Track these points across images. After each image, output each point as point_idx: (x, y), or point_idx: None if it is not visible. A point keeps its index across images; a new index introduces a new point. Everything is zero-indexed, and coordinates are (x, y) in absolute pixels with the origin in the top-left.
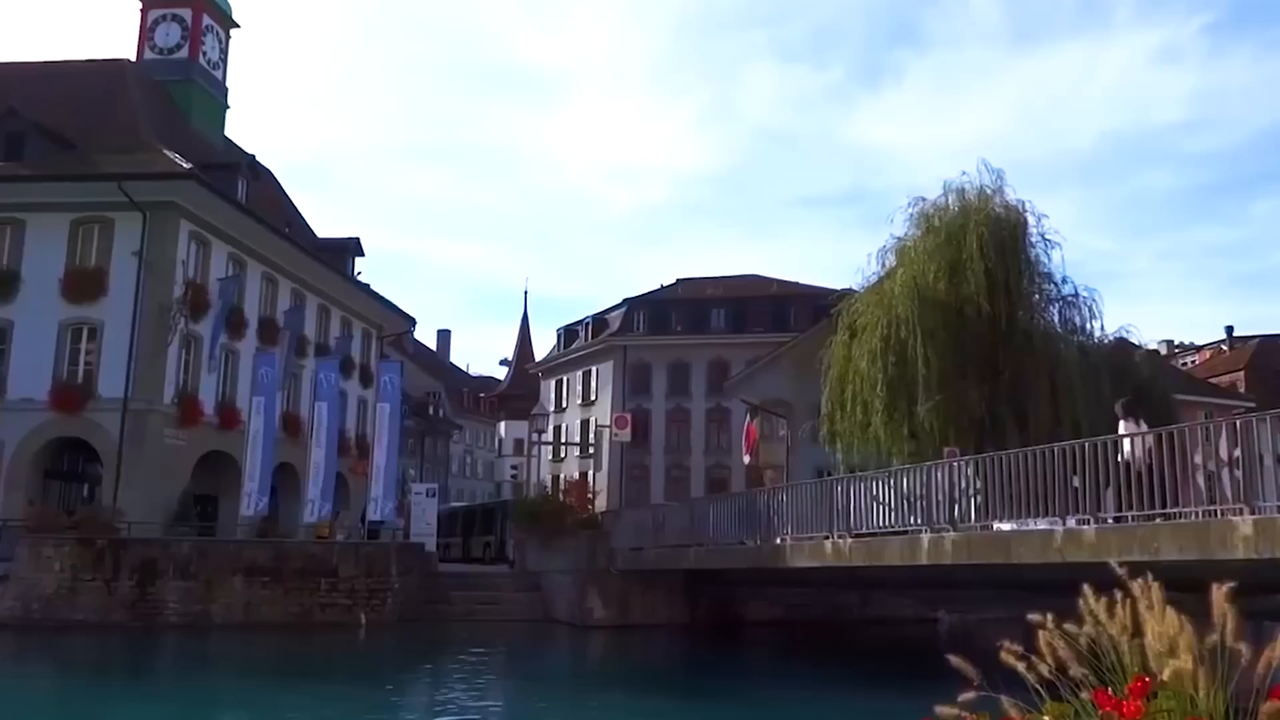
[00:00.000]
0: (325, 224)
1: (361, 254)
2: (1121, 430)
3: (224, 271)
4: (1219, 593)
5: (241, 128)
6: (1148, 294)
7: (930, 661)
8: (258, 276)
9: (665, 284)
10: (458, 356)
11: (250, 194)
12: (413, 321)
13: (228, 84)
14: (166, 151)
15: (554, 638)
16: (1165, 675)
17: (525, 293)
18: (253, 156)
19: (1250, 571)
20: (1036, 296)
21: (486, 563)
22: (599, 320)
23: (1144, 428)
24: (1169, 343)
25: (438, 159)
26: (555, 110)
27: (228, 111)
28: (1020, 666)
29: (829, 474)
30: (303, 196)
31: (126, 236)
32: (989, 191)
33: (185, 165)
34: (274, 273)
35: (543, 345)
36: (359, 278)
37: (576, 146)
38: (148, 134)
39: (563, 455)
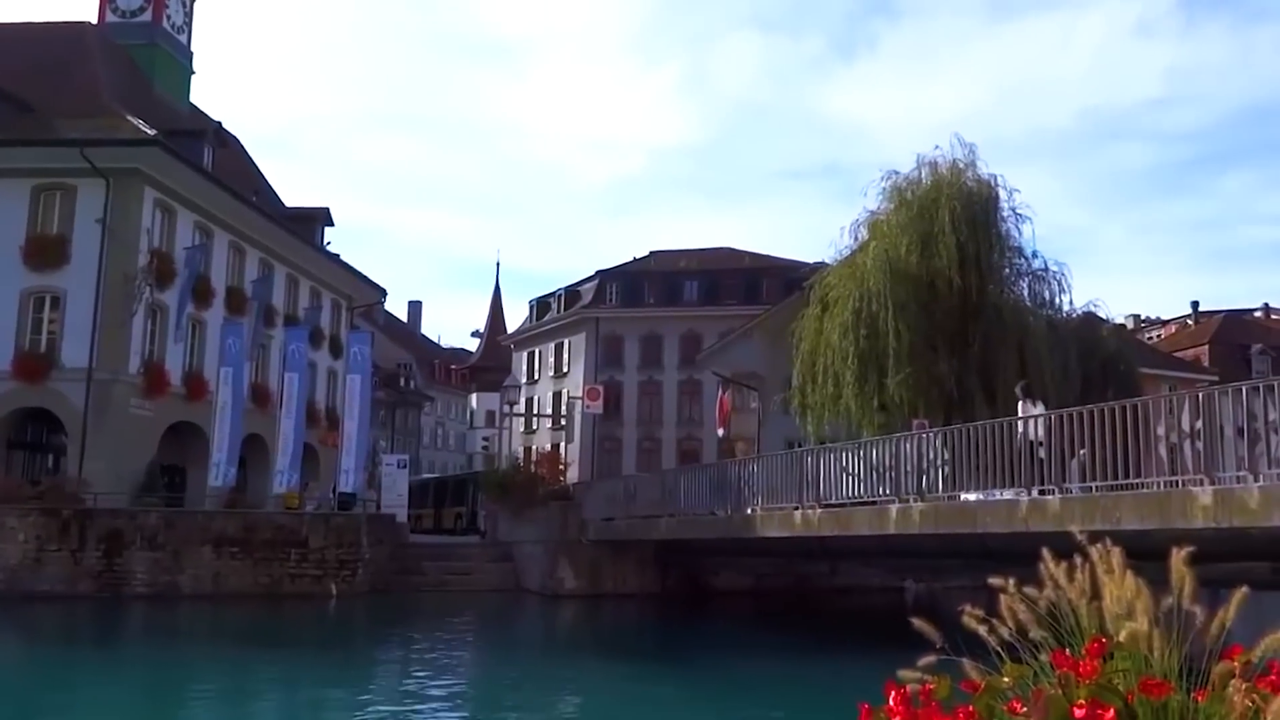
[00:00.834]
0: (294, 194)
1: (331, 224)
2: (1021, 412)
3: (190, 240)
4: (1176, 556)
5: (207, 94)
6: (1116, 269)
7: (896, 629)
8: (225, 245)
9: (638, 256)
10: (429, 328)
11: (216, 161)
12: (383, 292)
13: (192, 49)
14: (130, 117)
15: (525, 607)
16: (1122, 637)
17: (497, 264)
18: (219, 123)
19: (1209, 540)
20: (1007, 270)
21: (458, 534)
22: (571, 292)
23: (1042, 409)
24: (1136, 317)
25: (408, 128)
26: (528, 79)
27: (193, 77)
28: (982, 630)
29: (800, 445)
30: (270, 165)
31: (89, 203)
32: (961, 165)
33: (149, 131)
34: (241, 242)
35: (515, 317)
36: (328, 248)
37: (550, 116)
38: (110, 99)
39: (534, 427)
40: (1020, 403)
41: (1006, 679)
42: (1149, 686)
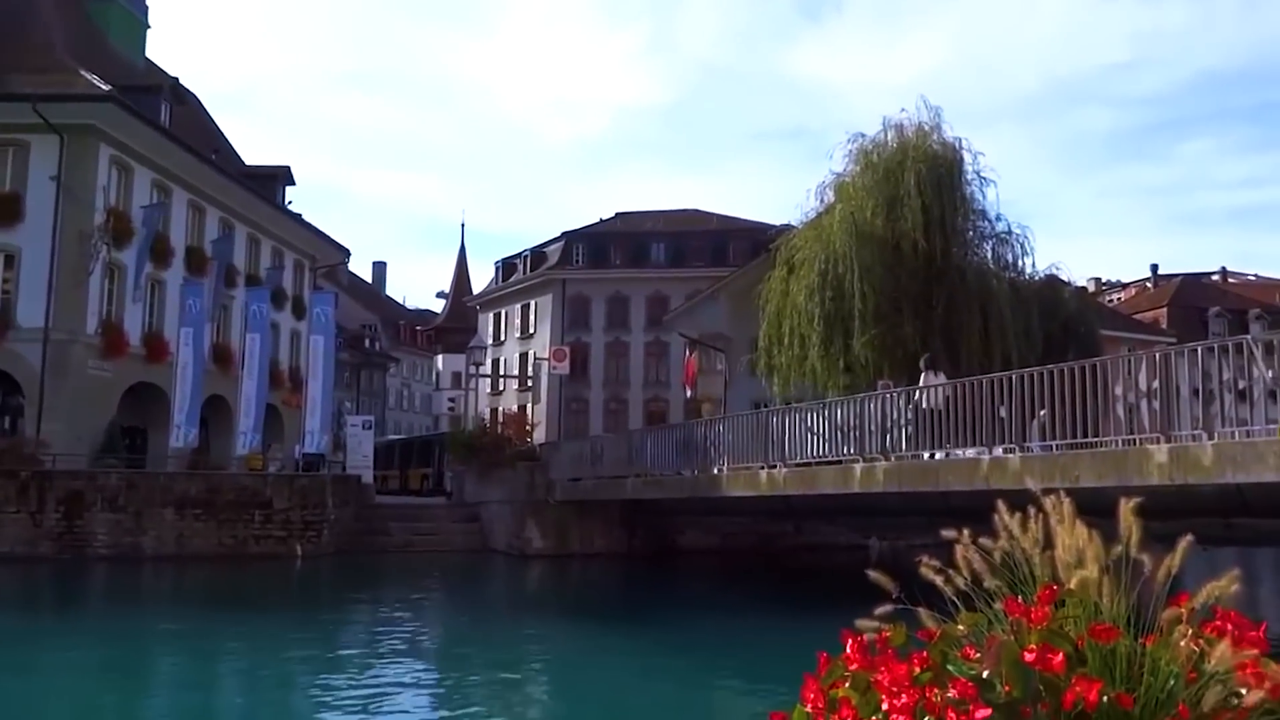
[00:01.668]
0: (254, 153)
1: (292, 183)
2: (923, 382)
3: (148, 198)
4: (1125, 505)
5: (163, 50)
6: (1078, 232)
7: (860, 586)
8: (183, 204)
9: (604, 218)
10: (394, 289)
11: (174, 118)
12: (347, 253)
13: (147, 2)
14: (84, 72)
15: (492, 567)
16: (1073, 584)
17: (462, 225)
18: (175, 79)
19: (1164, 497)
20: (971, 233)
21: (424, 495)
22: (537, 253)
23: (943, 378)
24: (1097, 280)
25: (371, 87)
26: (494, 37)
27: (148, 32)
28: (938, 580)
29: (766, 406)
30: (230, 123)
31: (43, 160)
32: (927, 129)
33: (104, 87)
34: (201, 201)
35: (480, 278)
36: (290, 207)
37: (516, 76)
38: (64, 53)
39: (501, 388)
40: (923, 373)
41: (961, 627)
42: (1098, 632)
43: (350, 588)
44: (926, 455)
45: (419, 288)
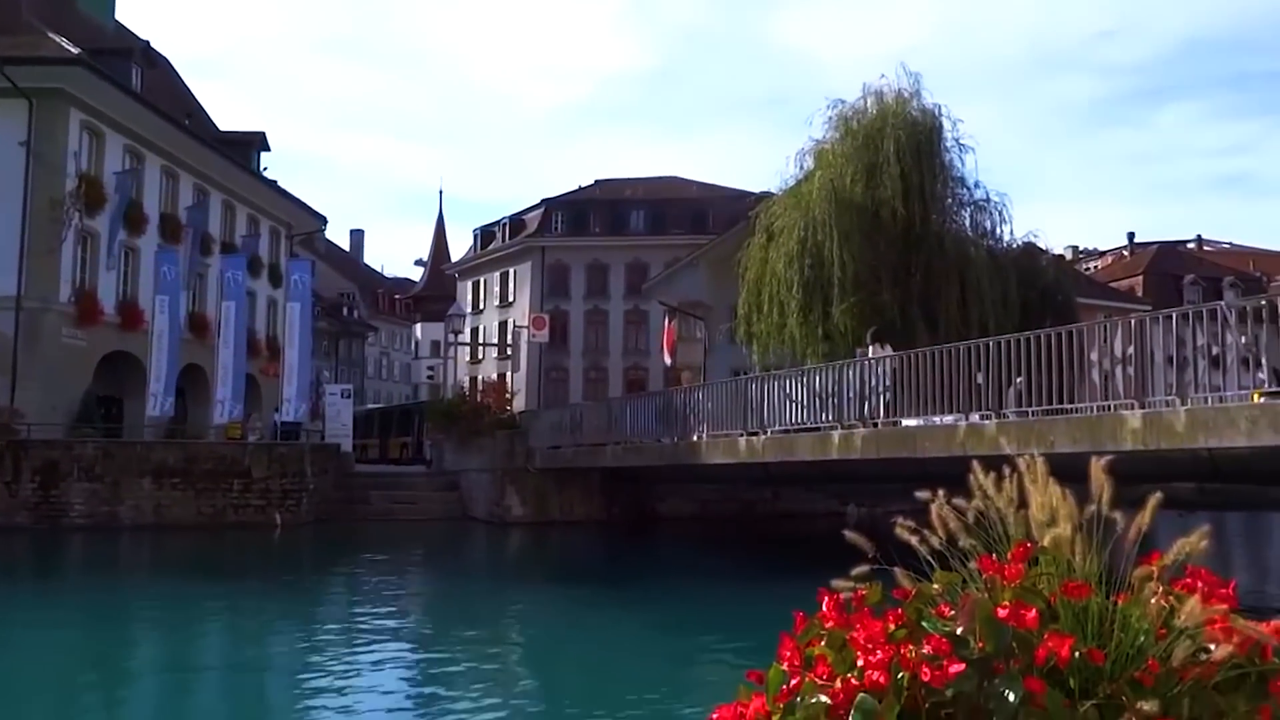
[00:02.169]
0: (228, 119)
1: (267, 148)
2: (870, 355)
3: (120, 164)
4: (1096, 464)
5: (134, 13)
6: (1057, 200)
7: (837, 550)
8: (157, 170)
9: (583, 185)
10: (371, 257)
11: (145, 83)
12: (323, 220)
13: None
14: (52, 35)
15: (472, 535)
16: (1046, 542)
17: (440, 192)
18: (146, 42)
19: (1138, 462)
20: (949, 200)
21: (404, 463)
22: (516, 221)
23: (889, 351)
24: (1074, 248)
25: (347, 52)
26: (472, 1)
27: None
28: (914, 540)
29: (745, 374)
30: (203, 89)
31: (11, 125)
32: (906, 95)
33: (73, 50)
34: (174, 167)
35: (459, 246)
36: (265, 174)
37: (496, 41)
38: (30, 15)
39: (480, 357)
40: (869, 347)
41: (936, 586)
42: (1070, 589)
43: (330, 556)
44: (904, 422)
45: (397, 256)
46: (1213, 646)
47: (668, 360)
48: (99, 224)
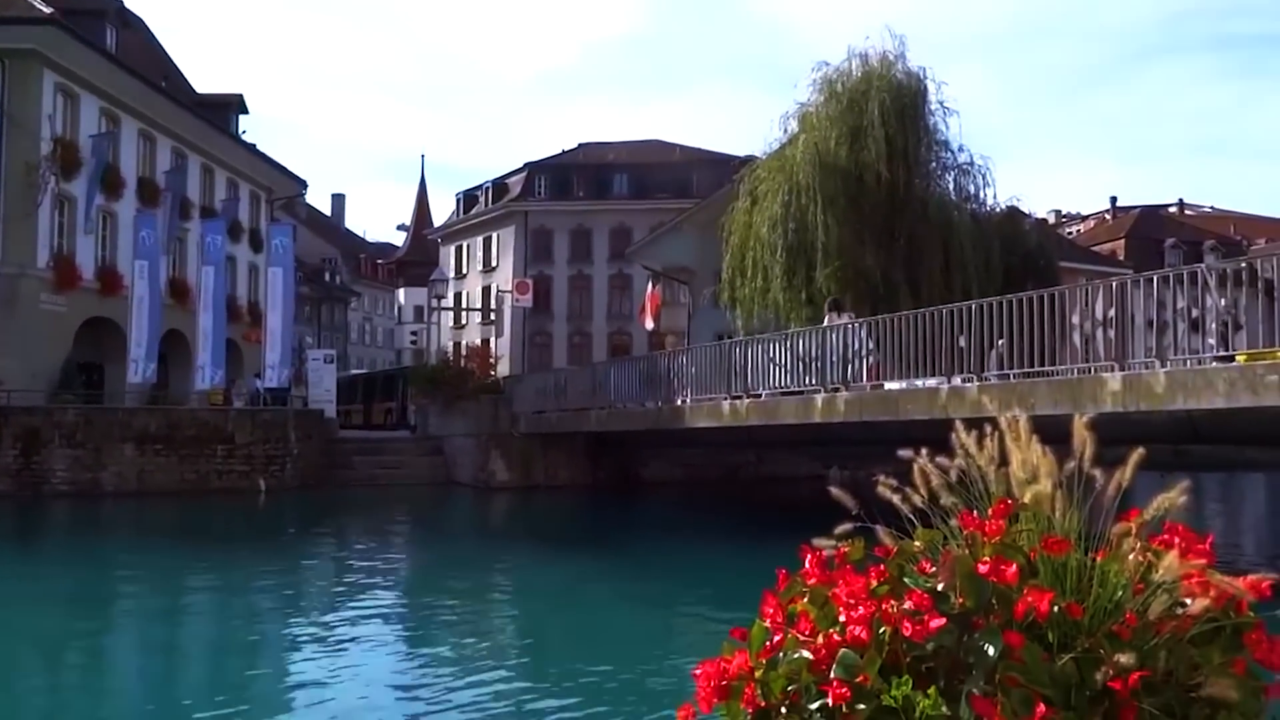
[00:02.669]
0: (206, 82)
1: (245, 111)
2: (827, 323)
3: (96, 127)
4: (1079, 421)
5: None
6: (1040, 165)
7: (819, 512)
8: (133, 133)
9: (567, 149)
10: (353, 222)
11: (120, 43)
12: (303, 184)
13: None
14: None
15: (458, 500)
16: (1026, 498)
17: (422, 156)
18: (121, 3)
19: (1117, 424)
20: (933, 164)
21: (388, 429)
22: (499, 185)
23: (847, 318)
24: (1057, 212)
25: (327, 15)
26: None
27: None
28: (896, 499)
29: (729, 338)
30: (180, 51)
31: None
32: (891, 58)
33: (45, 9)
34: (151, 130)
35: (441, 211)
36: (244, 137)
37: (477, 4)
38: None
39: (464, 322)
40: (827, 315)
41: (918, 543)
42: (1050, 545)
43: (316, 521)
44: (887, 385)
45: (379, 221)
46: (1189, 601)
47: (649, 325)
48: (75, 188)
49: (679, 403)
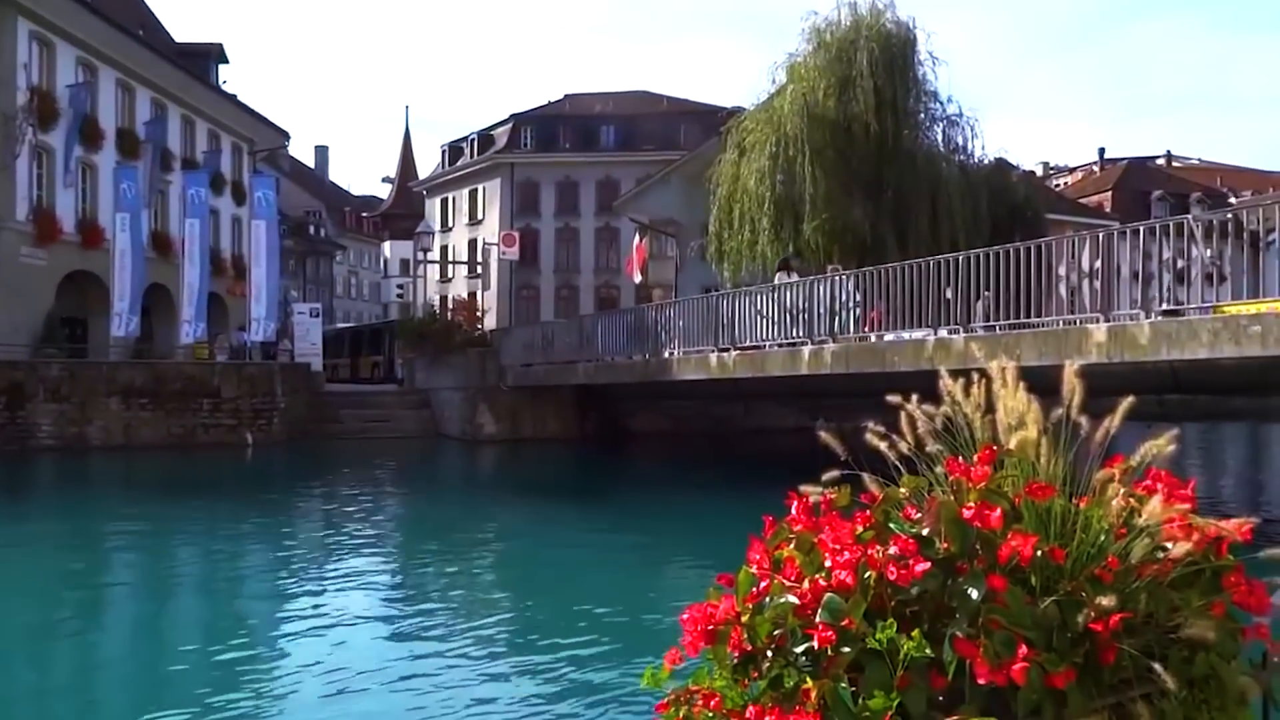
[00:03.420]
0: (185, 31)
1: (225, 60)
2: (778, 280)
3: (73, 77)
4: (1070, 368)
5: None
6: (1028, 116)
7: (806, 464)
8: (111, 84)
9: (553, 100)
10: (337, 175)
11: None
12: (286, 135)
13: None
14: None
15: (445, 453)
16: (1012, 444)
17: (407, 108)
18: None
19: (1102, 375)
20: (922, 115)
21: (375, 383)
22: (485, 137)
23: (795, 278)
24: (1045, 164)
25: None
26: None
27: None
28: (882, 446)
29: (716, 291)
30: None
31: None
32: (880, 6)
33: None
34: (130, 80)
35: (426, 163)
36: (224, 88)
37: None
38: None
39: (450, 275)
40: (778, 273)
41: (903, 490)
42: (1034, 490)
43: (303, 475)
44: (874, 337)
45: (363, 173)
46: (1170, 545)
47: (636, 278)
48: (54, 139)
49: (666, 355)
